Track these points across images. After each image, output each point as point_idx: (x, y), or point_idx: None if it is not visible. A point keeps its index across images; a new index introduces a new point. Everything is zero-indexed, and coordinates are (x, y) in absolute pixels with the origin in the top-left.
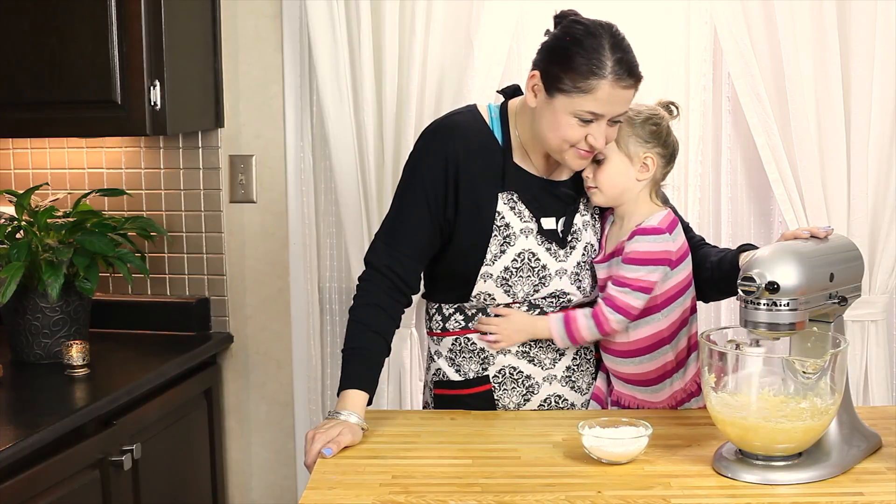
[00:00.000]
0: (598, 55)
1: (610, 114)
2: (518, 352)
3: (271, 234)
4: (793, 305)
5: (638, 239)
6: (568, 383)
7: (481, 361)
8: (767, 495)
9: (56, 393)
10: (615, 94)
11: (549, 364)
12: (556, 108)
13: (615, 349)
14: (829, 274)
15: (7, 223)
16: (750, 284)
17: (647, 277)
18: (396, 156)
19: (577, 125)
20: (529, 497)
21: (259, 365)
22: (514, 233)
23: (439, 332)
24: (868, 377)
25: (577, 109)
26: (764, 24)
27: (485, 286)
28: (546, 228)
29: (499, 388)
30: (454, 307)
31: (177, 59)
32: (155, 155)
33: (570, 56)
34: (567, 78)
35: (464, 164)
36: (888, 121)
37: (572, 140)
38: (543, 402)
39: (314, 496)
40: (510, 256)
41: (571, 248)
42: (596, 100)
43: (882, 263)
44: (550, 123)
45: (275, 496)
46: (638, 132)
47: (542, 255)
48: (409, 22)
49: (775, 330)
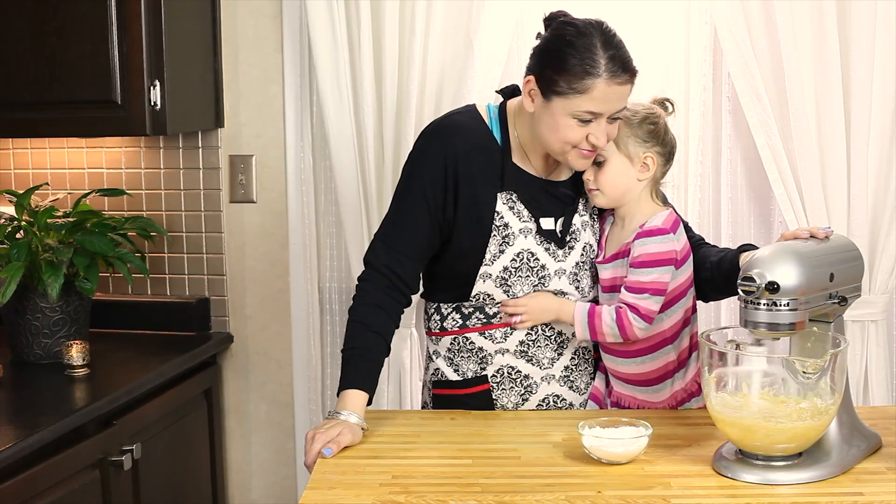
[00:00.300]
0: (590, 54)
1: (608, 111)
2: (516, 351)
3: (271, 234)
4: (793, 305)
5: (645, 241)
6: (566, 383)
7: (479, 361)
8: (767, 495)
9: (56, 393)
10: (611, 92)
11: (547, 364)
12: (554, 110)
13: (617, 349)
14: (830, 274)
15: (7, 223)
16: (750, 284)
17: (661, 279)
18: (396, 156)
19: (577, 126)
20: (529, 497)
21: (259, 365)
22: (512, 233)
23: (437, 332)
24: (868, 377)
25: (575, 110)
26: (764, 24)
27: (484, 286)
28: (545, 228)
29: (497, 388)
30: (452, 307)
31: (177, 59)
32: (155, 155)
33: (564, 58)
34: (562, 80)
35: (463, 164)
36: (888, 121)
37: (573, 141)
38: (542, 402)
39: (314, 496)
40: (509, 256)
41: (570, 249)
42: (593, 99)
43: (882, 263)
44: (550, 126)
45: (275, 496)
46: (636, 132)
47: (542, 255)
48: (409, 22)
49: (775, 330)
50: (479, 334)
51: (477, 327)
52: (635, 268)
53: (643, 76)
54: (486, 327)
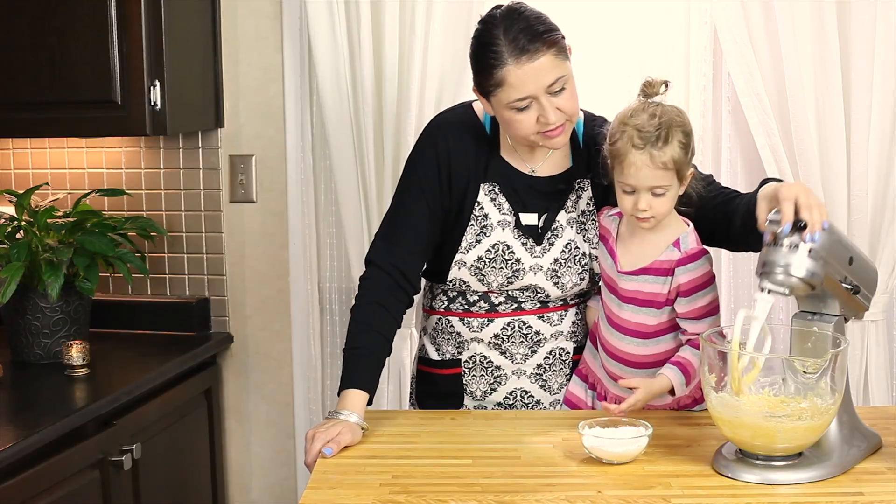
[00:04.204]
0: (492, 46)
1: (538, 89)
2: (490, 342)
3: (271, 234)
4: (814, 255)
5: (691, 267)
6: (538, 381)
7: (457, 345)
8: (767, 495)
9: (56, 393)
10: (526, 72)
11: (520, 359)
12: (497, 108)
13: (631, 360)
14: (849, 257)
15: (7, 223)
16: (778, 216)
17: (716, 297)
18: (396, 156)
19: (521, 114)
20: (529, 497)
21: (259, 365)
22: (491, 224)
23: (428, 310)
24: (868, 377)
25: (507, 103)
26: (764, 24)
27: (459, 273)
28: (524, 223)
29: (468, 374)
30: (440, 287)
31: (177, 59)
32: (155, 155)
33: (477, 58)
34: (482, 80)
35: (454, 158)
36: (888, 121)
37: (528, 129)
38: (509, 395)
39: (314, 496)
40: (485, 246)
41: (550, 245)
42: (512, 86)
43: (882, 263)
44: (504, 123)
45: (275, 496)
46: (685, 156)
47: (517, 249)
48: (409, 22)
49: (789, 275)
50: (459, 320)
51: (458, 312)
52: (695, 293)
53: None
54: (466, 314)
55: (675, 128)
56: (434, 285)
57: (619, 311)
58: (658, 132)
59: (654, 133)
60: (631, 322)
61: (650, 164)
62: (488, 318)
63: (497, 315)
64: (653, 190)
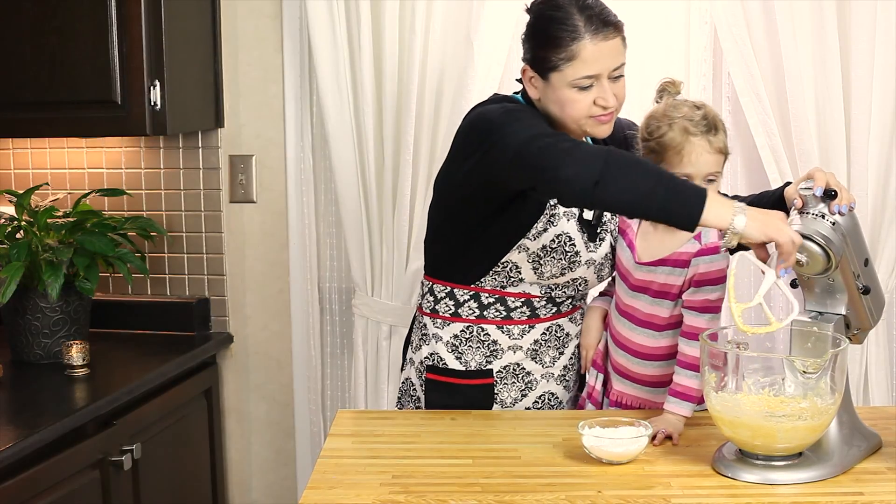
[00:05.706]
0: (568, 20)
1: (605, 70)
2: (528, 349)
3: (271, 234)
4: (837, 229)
5: (707, 259)
6: (562, 381)
7: (488, 354)
8: (767, 495)
9: (56, 393)
10: (600, 49)
11: (549, 362)
12: (556, 86)
13: (639, 351)
14: (866, 258)
15: (7, 223)
16: (810, 184)
17: (722, 297)
18: (396, 156)
19: (581, 94)
20: (529, 497)
21: (259, 365)
22: (558, 214)
23: (447, 317)
24: (868, 377)
25: (572, 79)
26: (764, 24)
27: (517, 257)
28: (585, 217)
29: (500, 383)
30: (469, 294)
31: (177, 59)
32: (155, 155)
33: (546, 33)
34: (551, 54)
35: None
36: (888, 121)
37: (583, 111)
38: (538, 399)
39: (314, 496)
40: (550, 236)
41: (601, 240)
42: (584, 62)
43: (882, 263)
44: (557, 104)
45: (275, 496)
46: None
47: (578, 242)
48: (409, 21)
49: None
50: (497, 328)
51: (496, 320)
52: (709, 286)
53: (644, 76)
54: (506, 322)
55: (717, 117)
56: (456, 291)
57: (631, 300)
58: (707, 120)
59: (704, 122)
60: (643, 313)
61: (709, 150)
62: (529, 325)
63: (538, 320)
64: (708, 177)
